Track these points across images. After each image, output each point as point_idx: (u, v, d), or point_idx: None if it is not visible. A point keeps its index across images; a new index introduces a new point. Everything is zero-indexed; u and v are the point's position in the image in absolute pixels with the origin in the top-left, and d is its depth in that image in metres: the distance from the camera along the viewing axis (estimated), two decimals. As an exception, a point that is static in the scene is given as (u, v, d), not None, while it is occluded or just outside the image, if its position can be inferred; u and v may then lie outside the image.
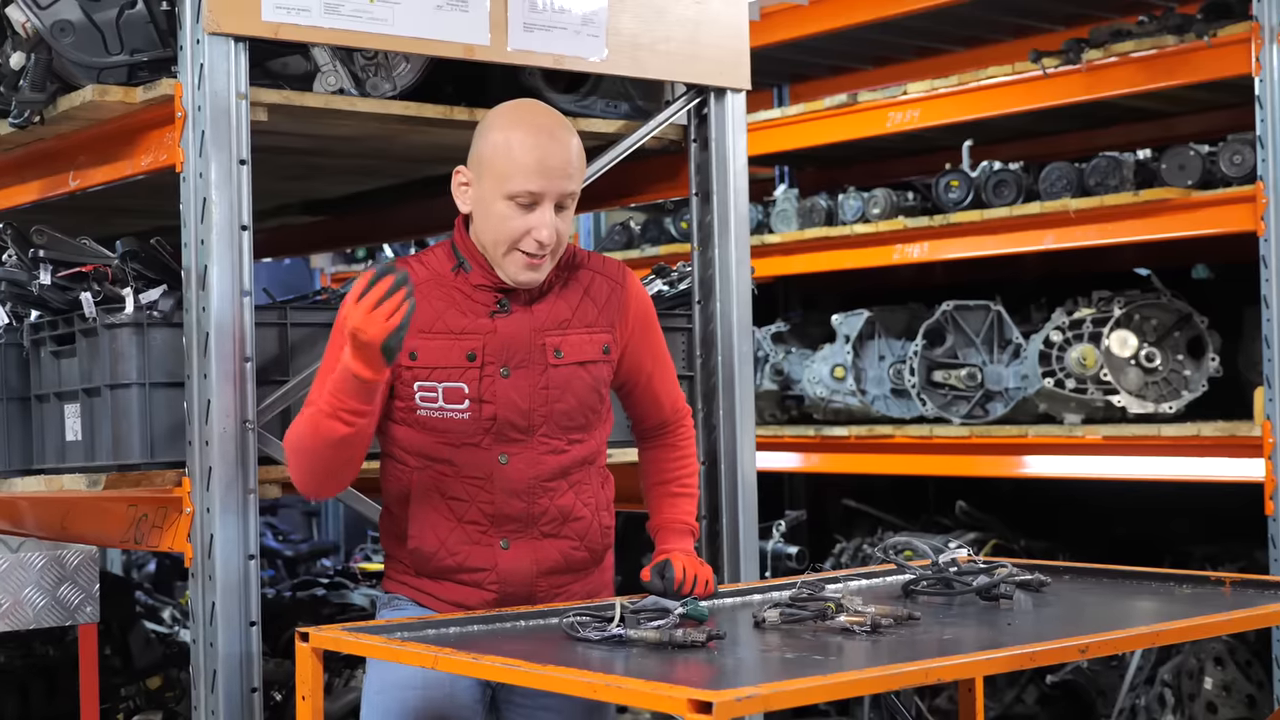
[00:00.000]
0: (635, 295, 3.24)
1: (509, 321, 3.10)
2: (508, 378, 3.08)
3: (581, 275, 3.19)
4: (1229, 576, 3.24)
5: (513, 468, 3.09)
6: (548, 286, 3.13)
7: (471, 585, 3.11)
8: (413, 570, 3.16)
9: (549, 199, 3.01)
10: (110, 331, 3.50)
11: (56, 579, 3.81)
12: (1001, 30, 6.58)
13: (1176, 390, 5.35)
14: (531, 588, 3.13)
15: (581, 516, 3.16)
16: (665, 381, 3.30)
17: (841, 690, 2.37)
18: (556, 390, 3.10)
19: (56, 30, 3.46)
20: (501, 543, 3.10)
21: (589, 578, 3.22)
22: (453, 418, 3.07)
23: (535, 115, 3.10)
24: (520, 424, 3.09)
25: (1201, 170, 5.16)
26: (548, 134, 3.05)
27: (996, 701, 5.75)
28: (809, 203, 6.33)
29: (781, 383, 6.34)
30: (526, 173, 3.00)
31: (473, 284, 3.10)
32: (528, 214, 3.01)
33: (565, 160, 3.03)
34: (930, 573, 3.19)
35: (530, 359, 3.10)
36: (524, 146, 3.02)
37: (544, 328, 3.11)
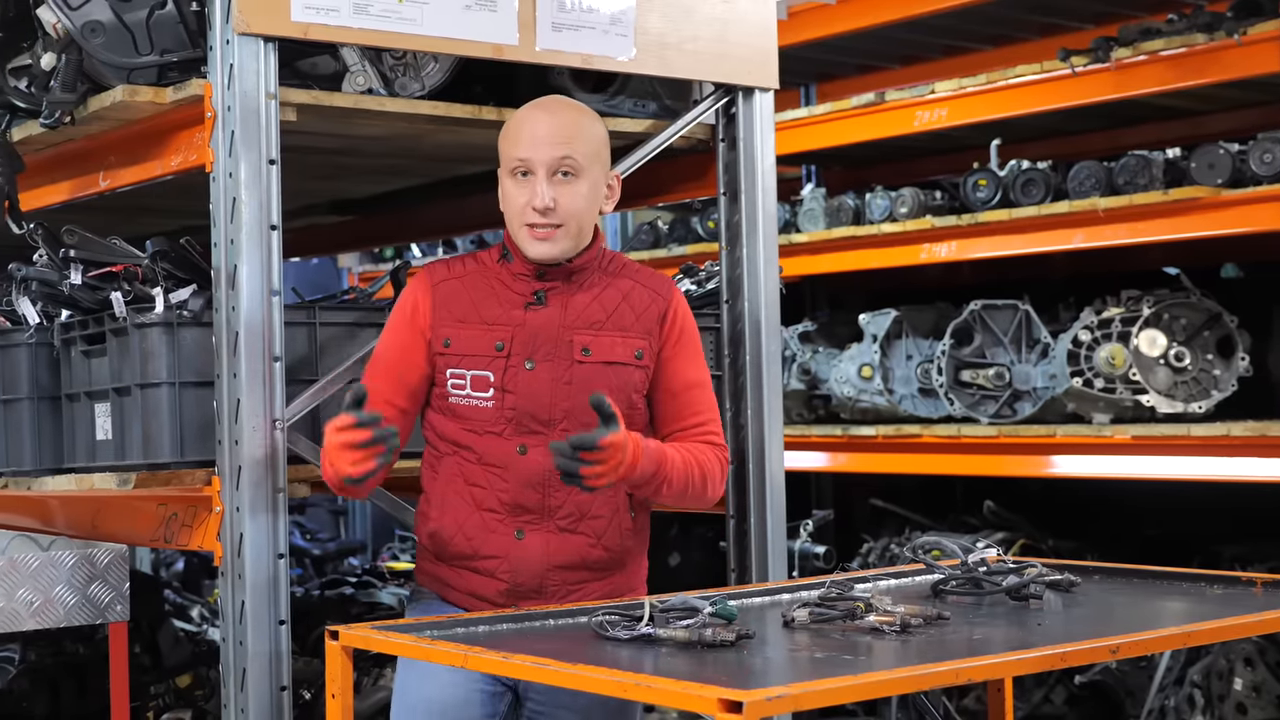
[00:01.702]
0: (678, 310, 3.29)
1: (540, 315, 3.18)
2: (532, 370, 3.16)
3: (622, 283, 3.25)
4: (1260, 577, 3.23)
5: (530, 459, 3.14)
6: (588, 284, 3.21)
7: (485, 574, 3.17)
8: (433, 556, 3.24)
9: (540, 166, 3.13)
10: (140, 331, 3.51)
11: (87, 577, 3.83)
12: (1029, 29, 6.57)
13: (1206, 390, 5.33)
14: (542, 580, 3.15)
15: (600, 515, 3.18)
16: (695, 402, 3.26)
17: (872, 690, 2.36)
18: (580, 386, 3.14)
19: (87, 31, 3.48)
20: (516, 533, 3.15)
21: (611, 579, 3.22)
22: (478, 405, 3.17)
23: (539, 100, 3.29)
24: (540, 416, 3.15)
25: (1231, 169, 5.14)
26: (543, 109, 3.23)
27: (1025, 702, 5.73)
28: (836, 202, 6.33)
29: (809, 382, 6.33)
30: (516, 143, 3.16)
31: (514, 273, 3.21)
32: (526, 184, 3.15)
33: (556, 125, 3.16)
34: (959, 572, 3.18)
35: (556, 353, 3.17)
36: (517, 123, 3.21)
37: (575, 325, 3.18)
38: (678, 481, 3.13)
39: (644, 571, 3.31)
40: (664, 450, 3.12)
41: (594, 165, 3.19)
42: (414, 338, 3.21)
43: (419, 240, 7.63)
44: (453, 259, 3.31)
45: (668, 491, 3.14)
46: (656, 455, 3.08)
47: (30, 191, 4.06)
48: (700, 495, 3.21)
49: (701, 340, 4.14)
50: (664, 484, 3.11)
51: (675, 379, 3.26)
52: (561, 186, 3.14)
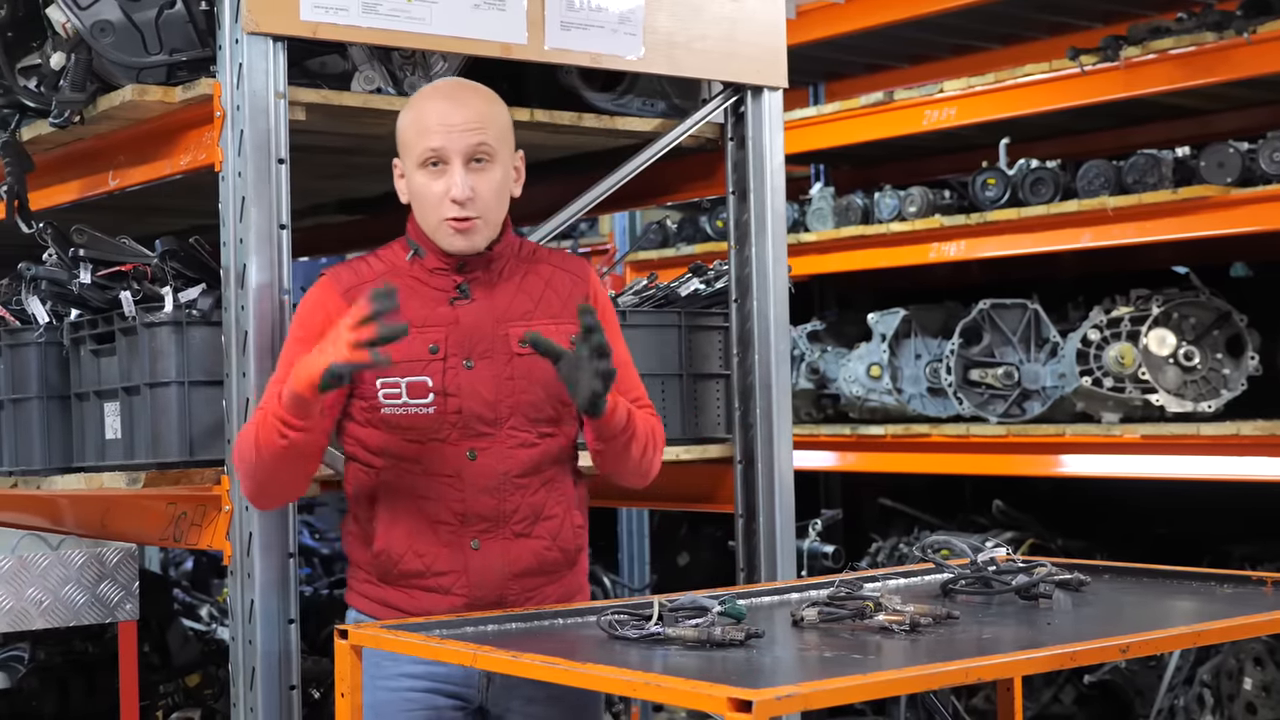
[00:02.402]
0: (598, 291, 3.21)
1: (470, 310, 3.07)
2: (471, 369, 3.04)
3: (542, 269, 3.16)
4: (1270, 576, 3.22)
5: (482, 463, 3.04)
6: (508, 274, 3.11)
7: (439, 591, 3.05)
8: (376, 578, 3.10)
9: (455, 155, 3.02)
10: (149, 330, 3.51)
11: (96, 576, 3.83)
12: (1038, 28, 6.56)
13: (1215, 389, 5.32)
14: (502, 591, 3.05)
15: (554, 515, 3.10)
16: (629, 379, 3.19)
17: (881, 689, 2.36)
18: (522, 381, 3.06)
19: (96, 30, 3.48)
20: (472, 543, 3.05)
21: (562, 580, 3.14)
22: (418, 413, 3.03)
23: (437, 85, 3.20)
24: (487, 416, 3.04)
25: (1241, 168, 5.13)
26: (445, 96, 3.10)
27: (1034, 701, 5.73)
28: (845, 201, 6.32)
29: (817, 381, 6.32)
30: (426, 132, 3.03)
31: (429, 269, 3.10)
32: (441, 176, 3.03)
33: (465, 114, 3.04)
34: (969, 572, 3.17)
35: (494, 349, 3.06)
36: (423, 108, 3.08)
37: (507, 318, 3.08)
38: (641, 434, 3.10)
39: (587, 568, 3.24)
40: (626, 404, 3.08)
41: (504, 149, 3.09)
42: None
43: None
44: (353, 262, 3.17)
45: (635, 447, 3.09)
46: (626, 406, 3.06)
47: (40, 191, 4.06)
48: (650, 463, 3.17)
49: (710, 340, 4.20)
50: (633, 438, 3.08)
51: None
52: (478, 175, 3.03)
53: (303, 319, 3.10)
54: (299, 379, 2.87)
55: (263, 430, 2.94)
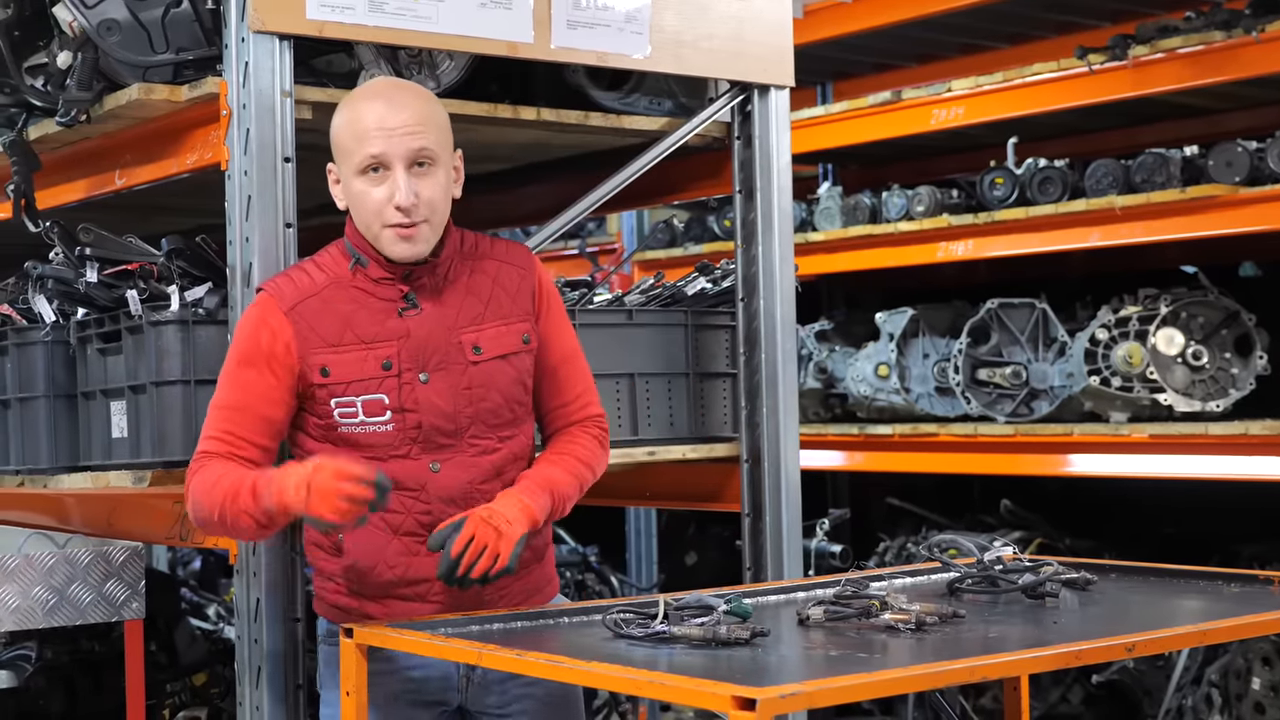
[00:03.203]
0: (543, 282, 3.14)
1: (421, 321, 2.99)
2: (427, 383, 2.97)
3: (488, 265, 3.09)
4: (1277, 575, 3.21)
5: (446, 474, 2.99)
6: (453, 275, 3.04)
7: (416, 599, 3.02)
8: (346, 589, 3.07)
9: (397, 160, 2.92)
10: (155, 329, 3.51)
11: (103, 575, 3.83)
12: (1046, 27, 6.55)
13: (1224, 388, 5.31)
14: (478, 593, 3.01)
15: None
16: (573, 376, 3.16)
17: (886, 688, 2.35)
18: (480, 389, 3.01)
19: (103, 29, 3.48)
20: None
21: (530, 576, 3.12)
22: (376, 431, 2.97)
23: (370, 87, 3.09)
24: (447, 428, 2.99)
25: (1249, 167, 5.12)
26: (381, 98, 2.99)
27: (1041, 701, 5.71)
28: (853, 200, 6.32)
29: (825, 381, 6.32)
30: (364, 138, 2.93)
31: (373, 279, 3.01)
32: (382, 183, 2.93)
33: (404, 116, 2.94)
34: (975, 571, 3.17)
35: (448, 359, 2.99)
36: (359, 111, 2.97)
37: (458, 325, 3.01)
38: (572, 498, 3.08)
39: (553, 557, 3.22)
40: (548, 478, 3.03)
41: (445, 151, 3.01)
42: (277, 372, 2.95)
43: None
44: (290, 273, 3.08)
45: (565, 511, 3.08)
46: (545, 488, 3.01)
47: (47, 190, 4.07)
48: (589, 486, 3.15)
49: (717, 339, 4.19)
50: (564, 506, 3.05)
51: (553, 353, 3.12)
52: (420, 179, 2.93)
53: (246, 339, 2.99)
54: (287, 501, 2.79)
55: (231, 511, 2.86)
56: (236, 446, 2.95)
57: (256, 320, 3.00)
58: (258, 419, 2.96)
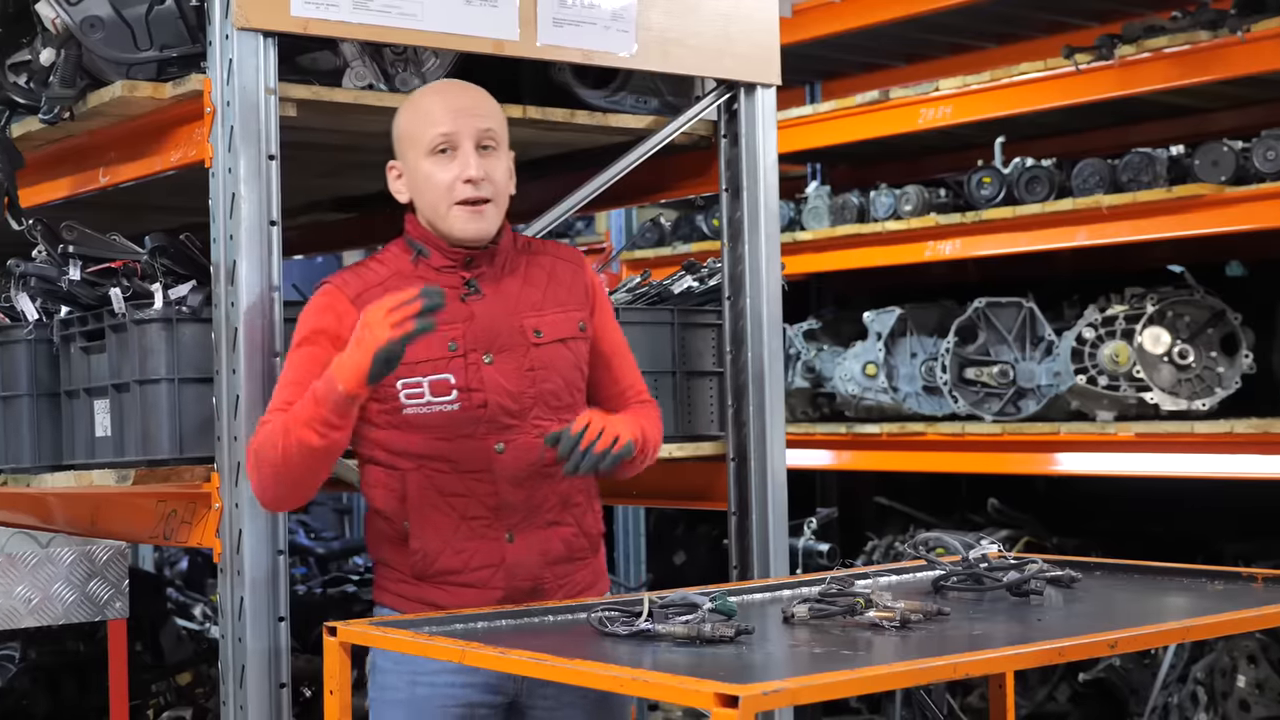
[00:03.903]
0: (593, 278, 3.26)
1: (484, 305, 3.09)
2: (492, 363, 3.07)
3: (543, 260, 3.21)
4: (1261, 573, 3.21)
5: (510, 455, 3.07)
6: (511, 266, 3.14)
7: (477, 586, 3.07)
8: (410, 576, 3.11)
9: (465, 138, 3.05)
10: (139, 327, 3.50)
11: (86, 574, 3.83)
12: (1034, 26, 6.55)
13: (1210, 387, 5.31)
14: (538, 580, 3.10)
15: (578, 502, 3.16)
16: (625, 367, 3.28)
17: (868, 685, 2.35)
18: (542, 370, 3.10)
19: (86, 26, 3.47)
20: (506, 536, 3.08)
21: (587, 565, 3.20)
22: (443, 411, 3.05)
23: (434, 84, 3.25)
24: (512, 408, 3.07)
25: (1235, 166, 5.13)
26: (447, 85, 3.19)
27: (1028, 700, 5.72)
28: (841, 200, 6.32)
29: (813, 380, 6.32)
30: (434, 119, 3.06)
31: (435, 268, 3.11)
32: (451, 161, 3.05)
33: (471, 100, 3.10)
34: (961, 569, 3.17)
35: (511, 342, 3.09)
36: (426, 100, 3.13)
37: (519, 310, 3.11)
38: (651, 449, 3.18)
39: (604, 556, 3.28)
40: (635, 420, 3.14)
41: (505, 143, 3.14)
42: (339, 349, 2.98)
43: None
44: (354, 267, 3.17)
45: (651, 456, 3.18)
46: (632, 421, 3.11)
47: (30, 188, 4.05)
48: (654, 459, 3.24)
49: (704, 337, 4.19)
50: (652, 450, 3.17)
51: (605, 344, 3.25)
52: (487, 159, 3.07)
53: (311, 322, 3.08)
54: (344, 376, 2.86)
55: (296, 431, 2.92)
56: None
57: (321, 306, 3.09)
58: None
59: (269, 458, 2.98)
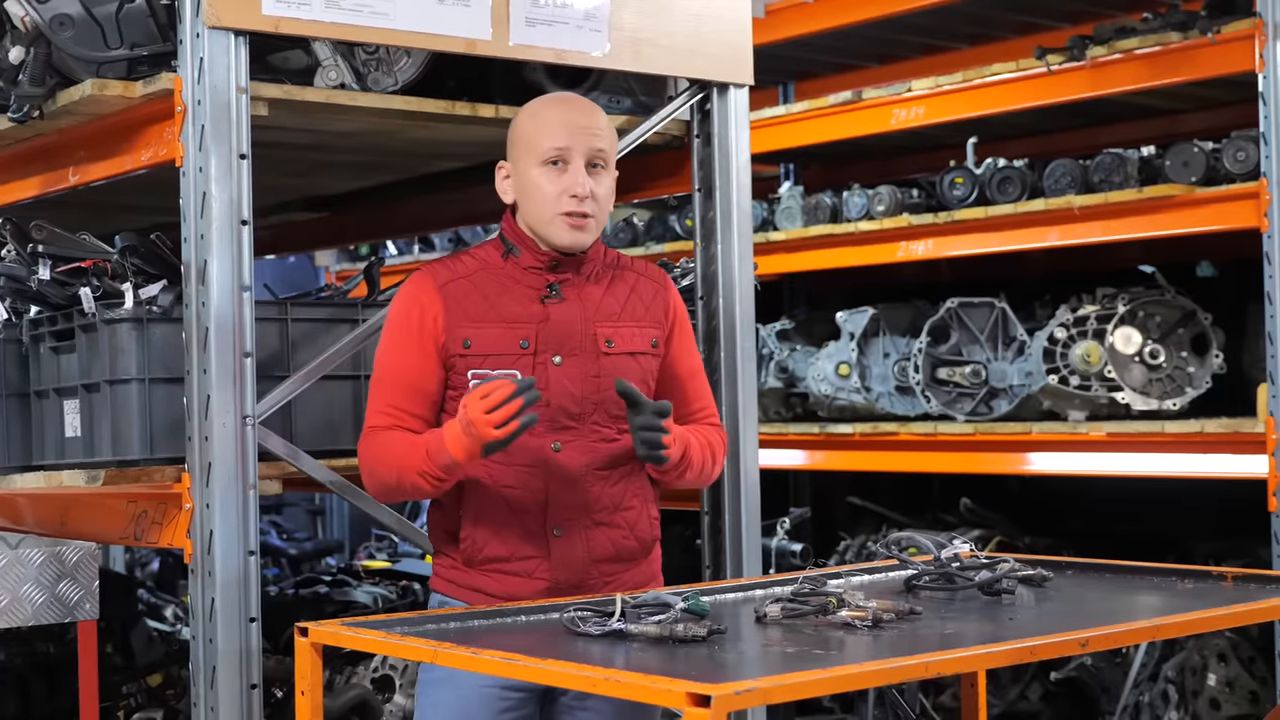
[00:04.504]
0: (676, 300, 3.34)
1: (561, 309, 3.18)
2: (560, 365, 3.15)
3: (627, 276, 3.30)
4: (1231, 571, 3.23)
5: (565, 455, 3.15)
6: (596, 277, 3.23)
7: (523, 575, 3.15)
8: (462, 562, 3.19)
9: (578, 154, 3.14)
10: (110, 327, 3.49)
11: (56, 576, 3.81)
12: (1006, 27, 6.57)
13: (1180, 387, 5.33)
14: (583, 576, 3.17)
15: (631, 506, 3.21)
16: (699, 390, 3.35)
17: (840, 684, 2.35)
18: (608, 379, 3.17)
19: (55, 24, 3.46)
20: (554, 531, 3.14)
21: (638, 567, 3.26)
22: None
23: (557, 95, 3.34)
24: (573, 411, 3.16)
25: (1205, 167, 5.14)
26: (569, 99, 3.27)
27: (1000, 699, 5.73)
28: (814, 200, 6.32)
29: (786, 380, 6.32)
30: (552, 132, 3.14)
31: (523, 267, 3.19)
32: (562, 174, 3.13)
33: (590, 119, 3.18)
34: (932, 568, 3.17)
35: (582, 347, 3.17)
36: (547, 111, 3.20)
37: (595, 318, 3.20)
38: (696, 465, 3.22)
39: (660, 559, 3.35)
40: (686, 435, 3.20)
41: (613, 163, 3.23)
42: (426, 344, 3.15)
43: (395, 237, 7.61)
44: (448, 259, 3.25)
45: (689, 475, 3.22)
46: (683, 440, 3.17)
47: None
48: (709, 476, 3.31)
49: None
50: (686, 469, 3.20)
51: (680, 366, 3.32)
52: (595, 177, 3.16)
53: (399, 316, 3.19)
54: (457, 450, 3.00)
55: (408, 477, 3.08)
56: (399, 419, 3.15)
57: (410, 296, 3.18)
58: (415, 392, 3.16)
59: (383, 480, 3.14)
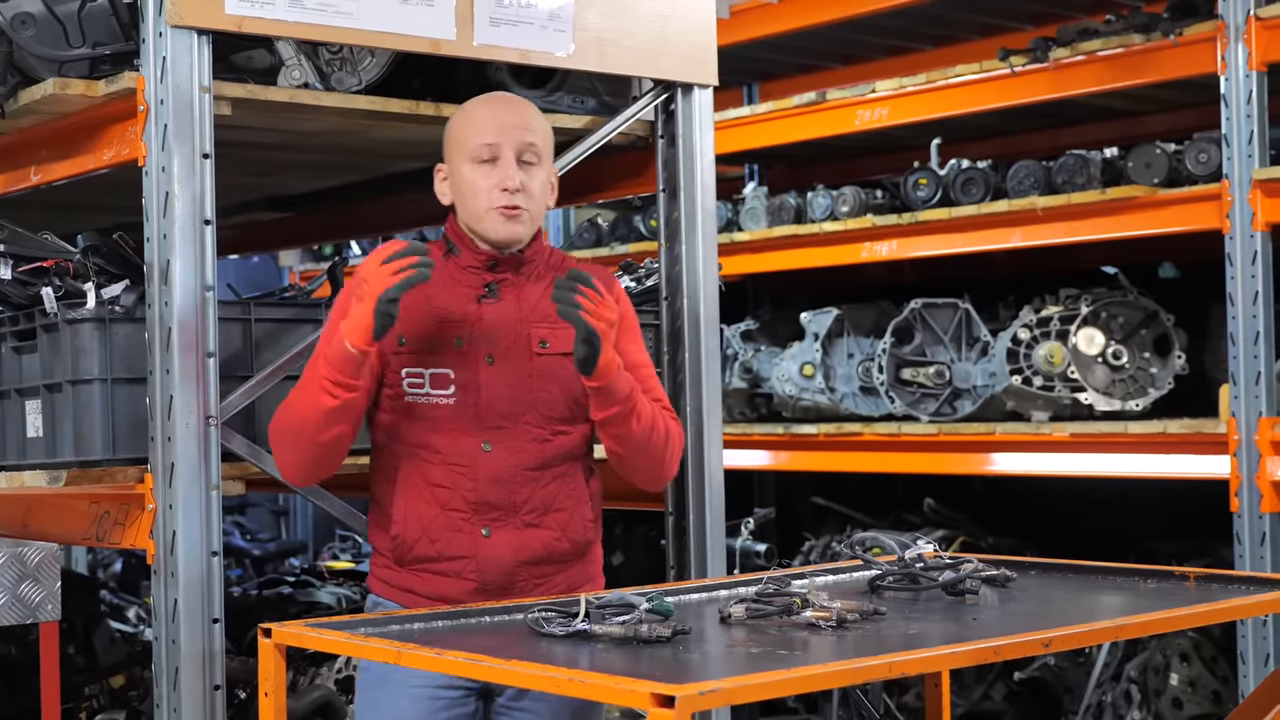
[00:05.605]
0: (620, 299, 3.32)
1: (496, 309, 3.18)
2: (493, 365, 3.15)
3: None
4: (1193, 571, 3.24)
5: (495, 455, 3.14)
6: (537, 277, 3.23)
7: (451, 575, 3.14)
8: (394, 561, 3.19)
9: (508, 149, 3.16)
10: (72, 327, 3.47)
11: (17, 576, 3.78)
12: (970, 29, 6.60)
13: (1143, 388, 5.36)
14: (511, 577, 3.15)
15: (564, 508, 3.20)
16: (645, 379, 3.30)
17: (804, 684, 2.36)
18: (540, 379, 3.17)
19: (17, 23, 3.44)
20: (483, 531, 3.14)
21: (571, 569, 3.23)
22: (438, 403, 3.15)
23: (488, 95, 3.34)
24: (504, 411, 3.15)
25: (1168, 168, 5.18)
26: (499, 98, 3.31)
27: (964, 699, 5.75)
28: (778, 201, 6.33)
29: (751, 381, 6.33)
30: (482, 129, 3.17)
31: (462, 266, 3.20)
32: (493, 170, 3.15)
33: (520, 115, 3.21)
34: (896, 568, 3.18)
35: (515, 347, 3.17)
36: (477, 110, 3.23)
37: (530, 319, 3.19)
38: (645, 418, 3.16)
39: (601, 560, 3.33)
40: (634, 382, 3.16)
41: (548, 158, 3.25)
42: None
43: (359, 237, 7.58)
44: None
45: (636, 426, 3.14)
46: (630, 380, 3.14)
47: (-39, 186, 4.01)
48: (662, 450, 3.22)
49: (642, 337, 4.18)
50: (634, 415, 3.14)
51: (625, 361, 3.25)
52: (526, 172, 3.17)
53: (343, 304, 3.17)
54: (350, 333, 3.00)
55: (310, 395, 3.06)
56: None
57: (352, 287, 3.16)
58: None
59: (290, 427, 3.10)
